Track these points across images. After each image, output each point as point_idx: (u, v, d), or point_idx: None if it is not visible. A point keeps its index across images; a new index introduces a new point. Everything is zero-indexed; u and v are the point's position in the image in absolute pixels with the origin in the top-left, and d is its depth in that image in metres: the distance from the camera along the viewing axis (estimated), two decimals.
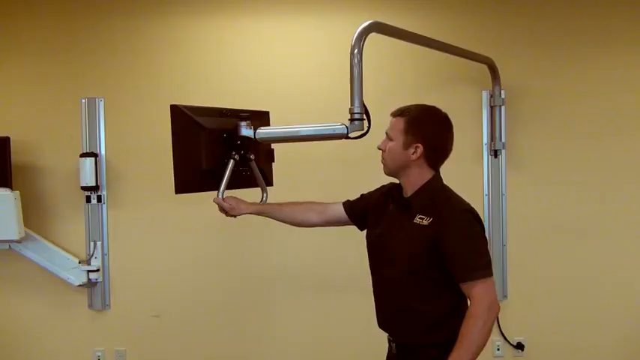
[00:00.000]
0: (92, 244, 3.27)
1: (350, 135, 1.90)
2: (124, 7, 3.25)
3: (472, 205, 1.73)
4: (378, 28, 1.93)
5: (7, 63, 3.29)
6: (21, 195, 3.09)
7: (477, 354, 1.60)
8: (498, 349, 3.18)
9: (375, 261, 1.87)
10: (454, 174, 3.24)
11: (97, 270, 3.25)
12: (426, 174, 1.76)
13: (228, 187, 1.90)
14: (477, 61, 2.82)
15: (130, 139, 3.26)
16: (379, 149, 1.83)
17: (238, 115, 1.94)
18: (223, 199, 1.98)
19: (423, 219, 1.70)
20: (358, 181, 3.20)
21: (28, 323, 3.34)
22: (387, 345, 1.91)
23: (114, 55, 3.26)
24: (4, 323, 3.34)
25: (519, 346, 3.15)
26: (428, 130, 1.74)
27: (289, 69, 3.22)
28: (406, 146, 1.74)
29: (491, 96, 3.11)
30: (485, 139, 3.18)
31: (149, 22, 3.26)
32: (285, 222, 2.17)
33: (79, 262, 3.24)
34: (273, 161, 2.19)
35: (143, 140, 3.23)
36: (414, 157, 1.73)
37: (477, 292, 1.62)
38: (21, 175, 3.23)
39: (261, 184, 2.06)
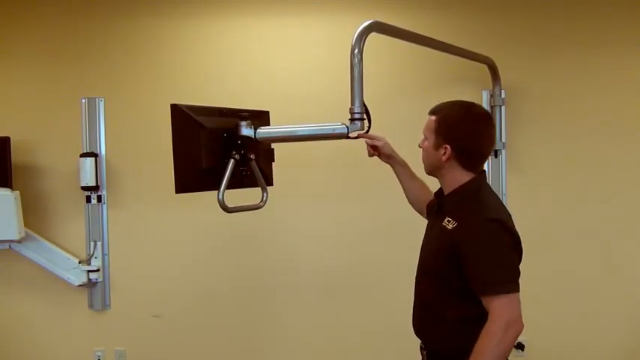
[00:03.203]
0: (92, 244, 3.27)
1: (350, 135, 1.89)
2: (124, 7, 3.26)
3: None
4: (378, 28, 1.93)
5: (7, 63, 3.29)
6: (21, 195, 3.10)
7: None
8: None
9: (418, 262, 1.83)
10: None
11: (97, 270, 3.25)
12: (461, 176, 1.68)
13: (228, 186, 1.90)
14: (477, 61, 2.82)
15: (130, 139, 3.26)
16: (419, 147, 1.79)
17: (238, 114, 1.94)
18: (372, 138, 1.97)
19: (449, 222, 1.63)
20: (358, 181, 3.24)
21: (28, 323, 3.34)
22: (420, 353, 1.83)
23: (114, 55, 3.26)
24: (4, 323, 3.34)
25: (519, 346, 3.15)
26: (457, 130, 1.66)
27: (289, 69, 3.22)
28: (436, 147, 1.68)
29: (492, 96, 3.11)
30: None
31: (149, 22, 3.26)
32: (404, 189, 2.10)
33: (79, 262, 3.24)
34: (273, 161, 2.19)
35: (143, 140, 3.24)
36: (444, 158, 1.67)
37: (494, 308, 1.50)
38: (21, 175, 3.23)
39: (261, 184, 2.06)
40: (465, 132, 1.66)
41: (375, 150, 2.04)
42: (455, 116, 1.69)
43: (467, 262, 1.56)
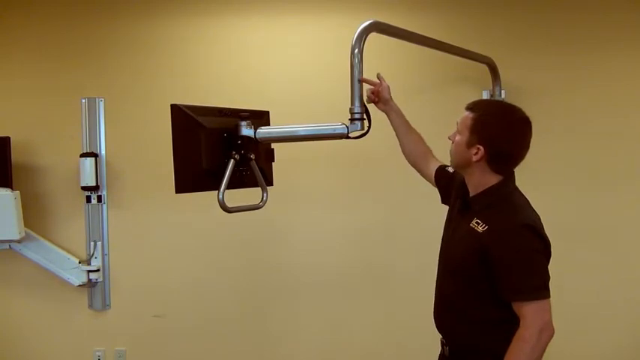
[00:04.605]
0: (92, 244, 3.27)
1: (350, 135, 1.89)
2: (124, 8, 3.26)
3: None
4: (378, 28, 1.93)
5: (8, 63, 3.29)
6: (21, 195, 3.10)
7: None
8: None
9: (439, 259, 1.81)
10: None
11: (97, 270, 3.25)
12: (490, 178, 1.64)
13: (228, 186, 1.90)
14: (477, 61, 2.82)
15: (130, 139, 3.26)
16: (448, 139, 1.72)
17: (239, 114, 1.94)
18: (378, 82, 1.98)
19: (478, 224, 1.59)
20: (358, 181, 3.24)
21: (28, 323, 3.34)
22: (440, 348, 1.82)
23: (114, 55, 3.26)
24: (4, 323, 3.34)
25: None
26: (493, 132, 1.60)
27: (289, 69, 3.22)
28: (469, 145, 1.62)
29: (491, 96, 3.10)
30: None
31: (149, 22, 3.26)
32: (399, 139, 2.07)
33: (79, 262, 3.24)
34: (273, 161, 2.19)
35: (143, 140, 3.24)
36: (475, 158, 1.61)
37: (527, 314, 1.50)
38: (21, 175, 3.23)
39: (261, 184, 2.06)
40: (502, 136, 1.61)
41: (375, 95, 2.01)
42: (494, 118, 1.62)
43: (498, 267, 1.54)
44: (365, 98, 1.94)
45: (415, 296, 3.24)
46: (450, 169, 1.92)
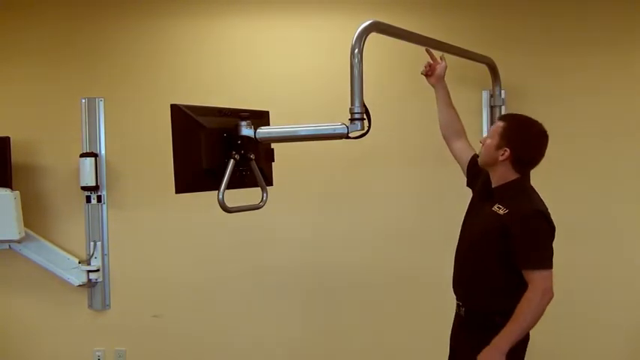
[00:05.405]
0: (92, 244, 3.27)
1: (350, 135, 1.89)
2: (124, 8, 3.26)
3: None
4: (378, 28, 1.93)
5: (8, 63, 3.29)
6: (21, 195, 3.10)
7: (527, 329, 1.95)
8: None
9: (461, 234, 2.21)
10: (454, 174, 3.24)
11: (97, 270, 3.25)
12: (511, 174, 2.06)
13: (228, 186, 1.90)
14: (477, 61, 2.81)
15: (130, 139, 3.27)
16: (480, 142, 2.16)
17: (238, 114, 1.94)
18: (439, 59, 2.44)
19: (500, 208, 2.00)
20: (358, 181, 3.24)
21: (28, 323, 3.34)
22: (456, 309, 2.23)
23: (114, 55, 3.27)
24: (4, 323, 3.34)
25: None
26: (518, 140, 2.03)
27: (289, 69, 3.22)
28: (497, 147, 2.04)
29: (492, 96, 3.11)
30: None
31: (149, 22, 3.26)
32: (439, 111, 2.48)
33: (79, 262, 3.24)
34: (273, 161, 2.19)
35: (143, 140, 3.24)
36: (501, 158, 2.03)
37: (534, 279, 1.92)
38: (21, 175, 3.23)
39: (261, 184, 2.06)
40: (523, 143, 2.04)
41: (431, 69, 2.45)
42: (519, 128, 2.06)
43: (514, 242, 1.95)
44: (420, 70, 2.47)
45: (417, 296, 3.25)
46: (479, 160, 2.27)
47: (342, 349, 3.29)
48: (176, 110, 1.84)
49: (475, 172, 2.28)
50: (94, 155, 3.21)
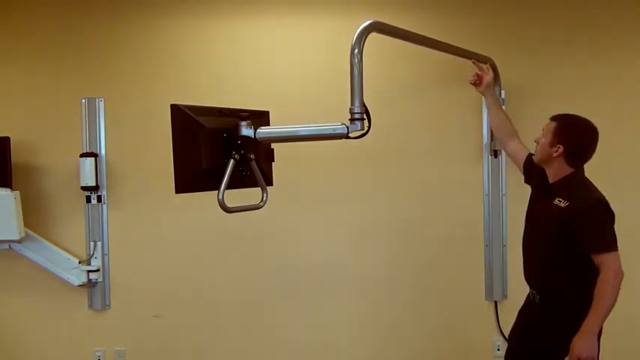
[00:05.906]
0: (92, 244, 3.27)
1: (350, 135, 1.89)
2: (124, 8, 3.26)
3: (600, 197, 2.18)
4: (378, 28, 1.93)
5: (7, 63, 3.29)
6: (21, 195, 3.10)
7: (610, 308, 2.07)
8: (499, 349, 3.17)
9: (527, 229, 2.38)
10: (454, 174, 3.25)
11: (97, 270, 3.25)
12: (565, 169, 2.22)
13: (228, 186, 1.90)
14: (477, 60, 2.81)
15: (130, 139, 3.26)
16: (535, 141, 2.31)
17: (238, 114, 1.94)
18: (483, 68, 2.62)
19: (561, 201, 2.17)
20: (358, 181, 3.24)
21: (28, 323, 3.34)
22: (527, 296, 2.41)
23: (114, 55, 3.27)
24: (4, 323, 3.34)
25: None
26: (570, 137, 2.20)
27: (289, 69, 3.22)
28: (551, 145, 2.22)
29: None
30: (485, 139, 3.18)
31: (149, 22, 3.27)
32: (492, 115, 2.67)
33: (79, 262, 3.24)
34: (273, 161, 2.19)
35: (143, 140, 3.24)
36: (555, 154, 2.21)
37: (604, 262, 2.08)
38: (21, 175, 3.23)
39: (261, 184, 2.06)
40: (575, 139, 2.21)
41: (479, 79, 2.62)
42: (570, 126, 2.23)
43: (580, 231, 2.12)
44: (469, 79, 2.65)
45: (418, 297, 3.25)
46: (535, 158, 2.42)
47: (342, 348, 3.29)
48: (176, 110, 1.84)
49: (531, 170, 2.45)
50: (94, 155, 3.21)
